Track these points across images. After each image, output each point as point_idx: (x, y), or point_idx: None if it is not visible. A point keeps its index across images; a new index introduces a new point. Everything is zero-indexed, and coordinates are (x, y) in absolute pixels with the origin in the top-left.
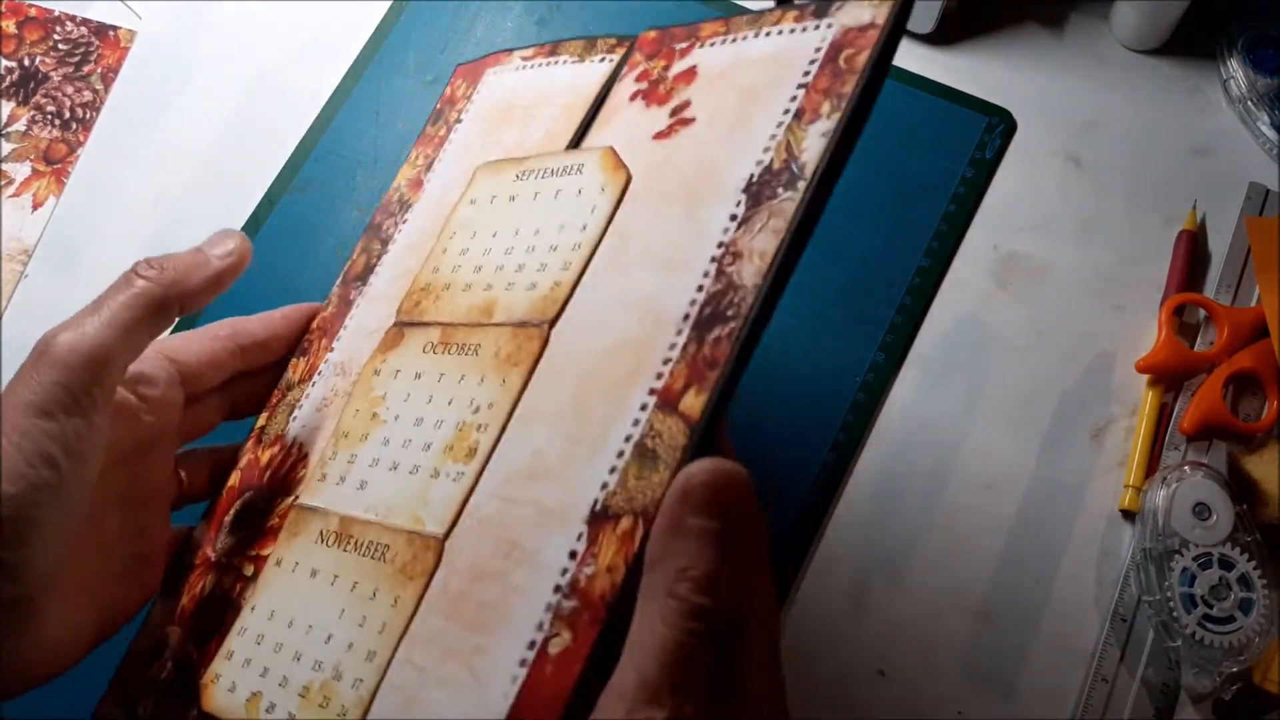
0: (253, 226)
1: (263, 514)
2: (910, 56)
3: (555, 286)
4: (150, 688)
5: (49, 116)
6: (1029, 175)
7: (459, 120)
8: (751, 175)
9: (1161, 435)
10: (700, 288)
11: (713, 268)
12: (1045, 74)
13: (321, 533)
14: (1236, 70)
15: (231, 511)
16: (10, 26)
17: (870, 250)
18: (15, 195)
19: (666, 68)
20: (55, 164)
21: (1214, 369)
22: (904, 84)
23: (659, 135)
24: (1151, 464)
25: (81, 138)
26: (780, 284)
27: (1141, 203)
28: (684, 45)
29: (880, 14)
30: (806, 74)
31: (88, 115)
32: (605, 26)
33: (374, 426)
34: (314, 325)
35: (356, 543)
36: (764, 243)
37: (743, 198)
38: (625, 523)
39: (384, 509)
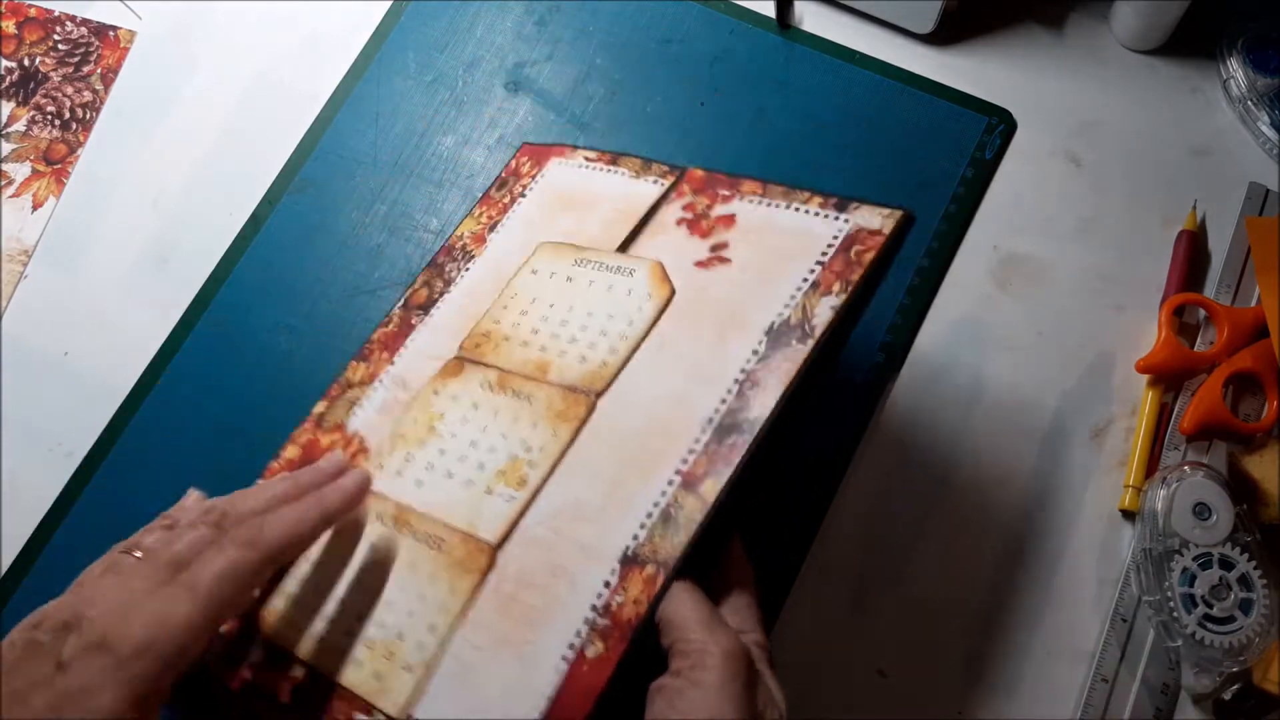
0: (253, 226)
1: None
2: (910, 56)
3: (603, 365)
4: None
5: (49, 117)
6: (1029, 175)
7: (523, 195)
8: (774, 323)
9: (1161, 435)
10: (724, 400)
11: (735, 387)
12: (1045, 74)
13: (379, 514)
14: (1236, 70)
15: None
16: (10, 26)
17: None
18: (15, 195)
19: (709, 207)
20: (55, 164)
21: (1214, 369)
22: (904, 84)
23: (700, 264)
24: (1151, 464)
25: (81, 138)
26: (784, 411)
27: (1141, 203)
28: (726, 192)
29: (887, 226)
30: (824, 254)
31: (88, 115)
32: (603, 26)
33: (430, 436)
34: (374, 337)
35: (414, 530)
36: (777, 378)
37: (764, 338)
38: (649, 570)
39: (440, 509)
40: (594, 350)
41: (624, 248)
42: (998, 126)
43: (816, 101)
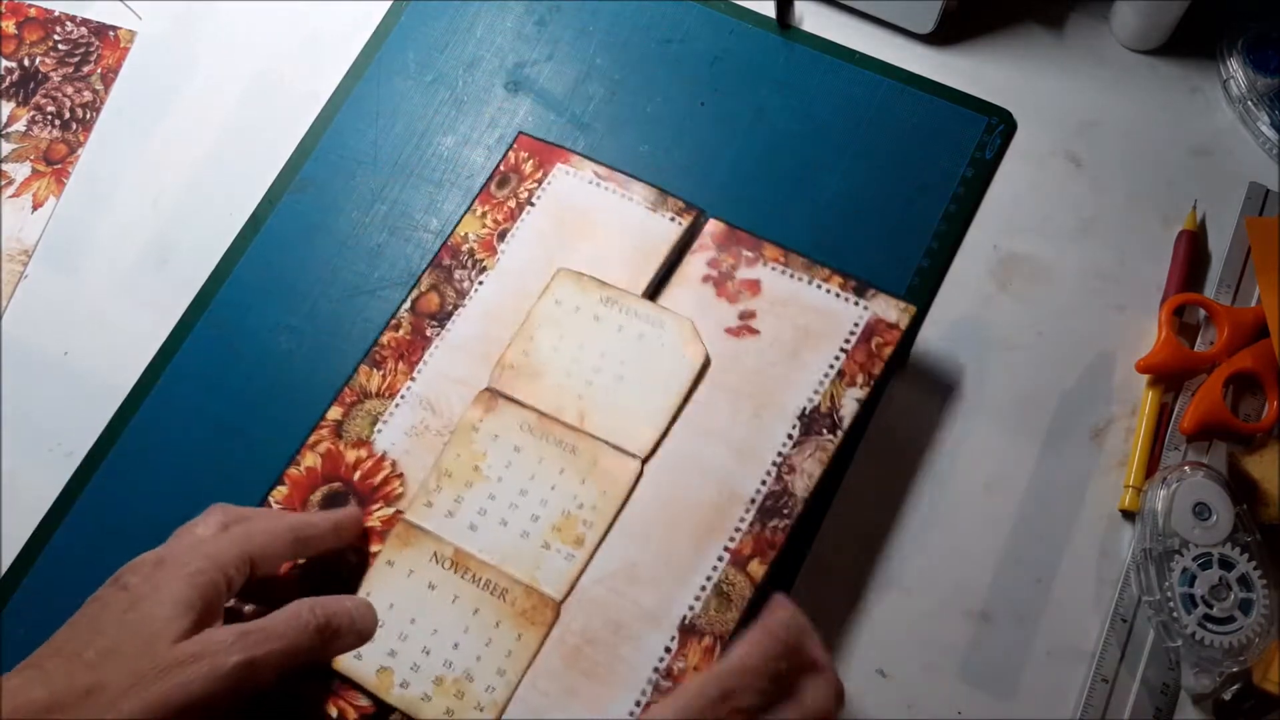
0: (253, 226)
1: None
2: (910, 56)
3: (646, 428)
4: None
5: (49, 116)
6: (1029, 175)
7: (531, 203)
8: (805, 408)
9: (1161, 435)
10: (764, 481)
11: (774, 470)
12: (1045, 74)
13: (435, 554)
14: (1236, 70)
15: (319, 494)
16: (10, 26)
17: (870, 250)
18: (15, 195)
19: (734, 267)
20: (55, 164)
21: (1214, 369)
22: (904, 84)
23: (731, 331)
24: (1151, 464)
25: (81, 138)
26: (819, 495)
27: (1141, 203)
28: (750, 254)
29: (903, 320)
30: (848, 341)
31: (88, 115)
32: (603, 26)
33: (477, 478)
34: (384, 341)
35: (475, 577)
36: (811, 466)
37: (798, 424)
38: (707, 640)
39: (499, 557)
40: (634, 407)
41: (650, 294)
42: (998, 126)
43: (816, 101)
